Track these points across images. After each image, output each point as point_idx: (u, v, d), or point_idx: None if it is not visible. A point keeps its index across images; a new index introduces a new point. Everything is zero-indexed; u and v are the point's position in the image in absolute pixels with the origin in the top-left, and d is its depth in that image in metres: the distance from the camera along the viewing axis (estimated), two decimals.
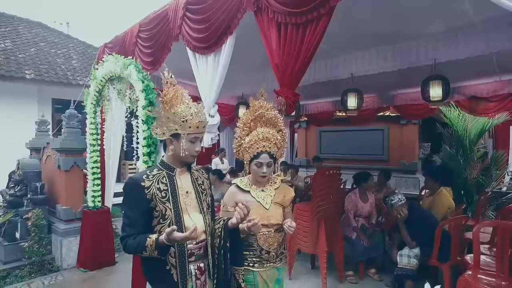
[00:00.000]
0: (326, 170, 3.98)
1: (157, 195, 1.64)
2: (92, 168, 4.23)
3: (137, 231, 1.60)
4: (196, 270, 1.71)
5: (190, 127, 1.65)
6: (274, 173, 2.20)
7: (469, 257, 3.10)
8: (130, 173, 9.29)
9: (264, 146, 2.00)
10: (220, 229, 1.82)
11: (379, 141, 7.57)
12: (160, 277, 1.65)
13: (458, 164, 5.65)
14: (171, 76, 1.75)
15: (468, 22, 3.15)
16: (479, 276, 2.80)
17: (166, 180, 1.71)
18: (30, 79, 7.05)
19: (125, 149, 4.31)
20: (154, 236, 1.54)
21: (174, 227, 1.49)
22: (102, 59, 3.98)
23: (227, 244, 1.81)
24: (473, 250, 2.90)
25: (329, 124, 8.10)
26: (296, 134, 10.41)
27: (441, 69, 3.95)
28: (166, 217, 1.64)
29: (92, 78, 4.03)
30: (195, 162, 2.09)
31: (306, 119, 8.62)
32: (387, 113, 7.36)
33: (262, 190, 2.12)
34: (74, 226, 4.28)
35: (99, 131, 4.24)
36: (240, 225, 1.79)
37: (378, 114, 7.14)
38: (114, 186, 4.59)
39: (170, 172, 1.74)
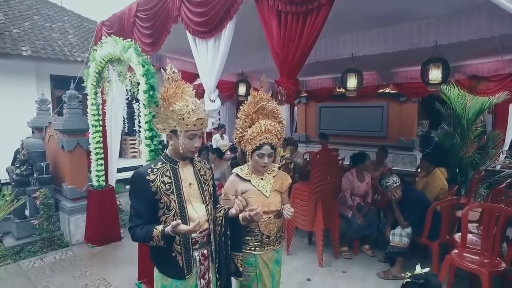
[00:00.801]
0: (325, 151, 4.07)
1: (161, 188, 1.73)
2: (95, 148, 4.32)
3: (143, 221, 1.69)
4: (200, 257, 1.84)
5: (187, 124, 1.69)
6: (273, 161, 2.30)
7: (457, 236, 3.27)
8: (132, 148, 9.38)
9: (266, 138, 2.08)
10: (221, 218, 1.93)
11: (378, 118, 7.61)
12: (167, 262, 1.77)
13: (454, 143, 5.74)
14: (174, 71, 1.79)
15: (471, 4, 3.10)
16: (464, 254, 2.98)
17: (170, 173, 1.79)
18: (27, 56, 6.94)
19: (126, 125, 4.35)
20: (160, 228, 1.64)
21: (179, 221, 1.59)
22: (101, 40, 3.94)
23: (228, 232, 1.94)
24: (461, 230, 3.06)
25: (329, 100, 8.09)
26: (296, 109, 10.42)
27: (442, 50, 3.92)
28: (170, 208, 1.74)
29: (92, 59, 4.00)
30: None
31: (306, 95, 8.60)
32: (387, 90, 7.34)
33: (262, 179, 2.23)
34: (80, 204, 4.44)
35: (100, 112, 4.27)
36: (242, 214, 1.91)
37: (378, 91, 7.12)
38: (116, 165, 4.72)
39: (173, 165, 1.82)
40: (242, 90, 6.16)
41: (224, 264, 1.95)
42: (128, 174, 8.10)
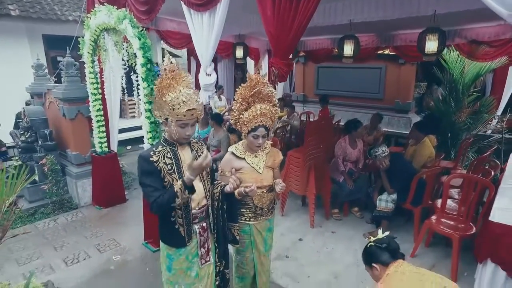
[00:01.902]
0: (319, 121, 4.20)
1: (164, 168, 1.89)
2: (96, 116, 4.44)
3: (161, 192, 1.83)
4: (200, 229, 2.07)
5: (177, 115, 1.80)
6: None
7: (438, 202, 3.54)
8: (131, 109, 9.42)
9: (261, 121, 2.21)
10: (218, 194, 2.14)
11: (376, 80, 7.59)
12: (171, 234, 1.99)
13: (448, 107, 5.83)
14: (171, 62, 1.87)
15: None
16: (442, 219, 3.26)
17: (170, 155, 1.95)
18: (16, 16, 6.73)
19: (126, 94, 4.42)
20: (179, 181, 1.80)
21: (191, 161, 1.75)
22: (93, 7, 3.86)
23: (224, 206, 2.16)
24: (442, 198, 3.31)
25: (327, 61, 7.99)
26: (294, 67, 10.28)
27: (441, 19, 3.87)
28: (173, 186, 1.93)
29: (86, 27, 3.96)
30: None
31: (304, 54, 8.46)
32: (386, 52, 7.24)
33: (255, 156, 2.41)
34: (85, 169, 4.67)
35: (98, 80, 4.32)
36: (238, 190, 2.12)
37: (377, 52, 7.03)
38: (117, 131, 4.87)
39: (173, 148, 1.98)
40: (239, 53, 6.10)
41: (222, 234, 2.20)
42: (129, 135, 8.30)
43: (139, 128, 3.73)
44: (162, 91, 1.81)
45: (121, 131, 6.05)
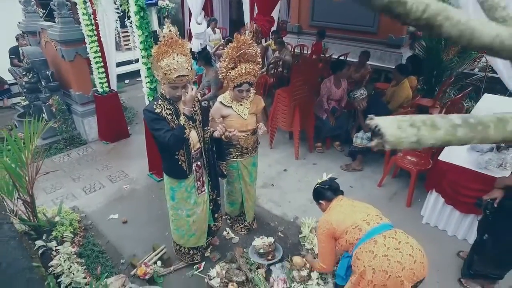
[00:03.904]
0: (304, 64, 4.43)
1: (167, 117, 2.30)
2: (94, 58, 4.64)
3: (172, 131, 2.23)
4: (196, 167, 2.56)
5: (168, 79, 2.15)
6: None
7: None
8: (125, 41, 9.32)
9: (245, 78, 2.55)
10: (208, 138, 2.60)
11: (370, 12, 7.46)
12: (175, 169, 2.47)
13: (438, 44, 5.93)
14: (170, 30, 2.12)
15: None
16: (407, 156, 3.77)
17: (169, 107, 2.34)
18: None
19: (122, 38, 4.55)
20: (181, 118, 2.23)
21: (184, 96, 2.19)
22: None
23: (214, 148, 2.63)
24: None
25: None
26: None
27: None
28: None
29: None
30: None
31: None
32: None
33: (241, 104, 2.80)
34: (90, 107, 5.03)
35: (93, 22, 4.41)
36: (225, 134, 2.55)
37: None
38: (115, 71, 5.11)
39: (170, 101, 2.35)
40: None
41: (213, 170, 2.72)
42: (126, 69, 8.40)
43: (136, 61, 3.93)
44: (158, 56, 2.11)
45: (118, 65, 6.17)
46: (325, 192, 2.31)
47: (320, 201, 2.34)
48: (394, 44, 7.34)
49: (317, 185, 2.40)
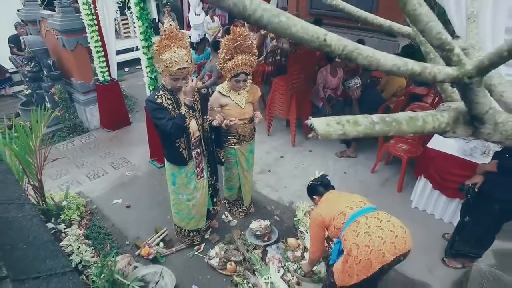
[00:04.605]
0: (301, 54, 4.52)
1: (168, 107, 2.43)
2: (95, 47, 4.72)
3: (173, 120, 2.37)
4: (195, 154, 2.71)
5: (169, 71, 2.28)
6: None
7: None
8: (125, 28, 9.32)
9: (242, 69, 2.67)
10: (207, 126, 2.73)
11: (369, 0, 7.49)
12: (176, 155, 2.61)
13: None
14: (170, 24, 2.23)
15: None
16: (399, 143, 3.92)
17: (170, 97, 2.47)
18: None
19: (122, 29, 4.62)
20: (182, 108, 2.36)
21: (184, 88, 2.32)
22: None
23: (212, 136, 2.77)
24: None
25: None
26: None
27: None
28: None
29: None
30: None
31: None
32: None
33: (238, 94, 2.93)
34: (91, 96, 5.14)
35: (93, 11, 4.48)
36: (224, 122, 2.69)
37: None
38: (116, 60, 5.19)
39: (171, 91, 2.47)
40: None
41: (212, 157, 2.87)
42: (125, 57, 8.44)
43: (136, 49, 4.01)
44: (159, 50, 2.22)
45: (117, 53, 6.26)
46: (318, 188, 2.50)
47: (314, 197, 2.53)
48: (391, 32, 7.38)
49: (310, 182, 2.58)
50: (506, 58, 0.61)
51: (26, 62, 4.98)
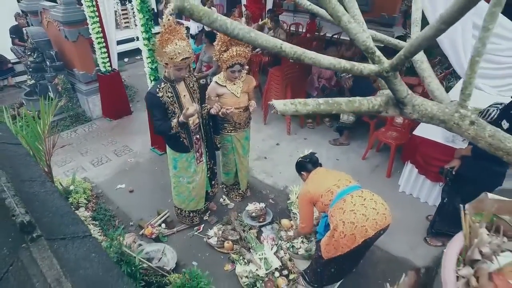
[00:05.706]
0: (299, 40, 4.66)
1: (167, 101, 2.62)
2: (96, 38, 4.86)
3: (163, 122, 2.62)
4: (195, 139, 2.90)
5: (174, 63, 2.45)
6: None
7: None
8: (124, 19, 9.37)
9: (237, 60, 2.84)
10: (205, 114, 2.93)
11: None
12: (177, 143, 2.82)
13: (426, 24, 6.12)
14: (168, 19, 2.39)
15: None
16: (388, 131, 4.11)
17: (171, 90, 2.65)
18: None
19: (122, 20, 4.75)
20: (175, 120, 2.57)
21: (185, 110, 2.49)
22: None
23: (210, 123, 2.97)
24: None
25: None
26: None
27: None
28: (175, 112, 2.67)
29: None
30: None
31: None
32: None
33: (234, 84, 3.11)
34: (93, 86, 5.30)
35: (94, 3, 4.61)
36: (221, 111, 2.87)
37: None
38: (116, 50, 5.33)
39: (172, 84, 2.65)
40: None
41: (210, 142, 3.07)
42: (125, 47, 8.52)
43: (137, 39, 4.15)
44: (162, 43, 2.39)
45: (117, 43, 6.36)
46: (306, 165, 2.68)
47: (302, 172, 2.72)
48: (387, 23, 7.51)
49: (299, 159, 2.77)
50: (404, 59, 0.85)
51: (29, 53, 5.12)
